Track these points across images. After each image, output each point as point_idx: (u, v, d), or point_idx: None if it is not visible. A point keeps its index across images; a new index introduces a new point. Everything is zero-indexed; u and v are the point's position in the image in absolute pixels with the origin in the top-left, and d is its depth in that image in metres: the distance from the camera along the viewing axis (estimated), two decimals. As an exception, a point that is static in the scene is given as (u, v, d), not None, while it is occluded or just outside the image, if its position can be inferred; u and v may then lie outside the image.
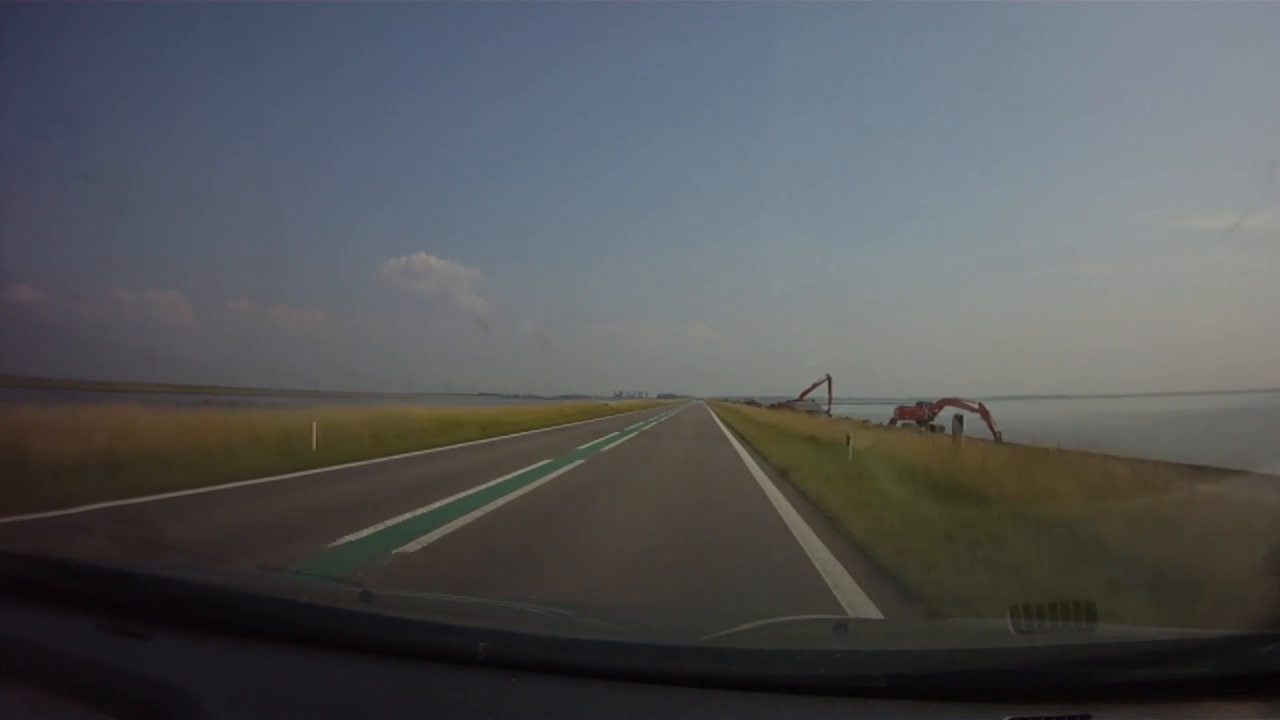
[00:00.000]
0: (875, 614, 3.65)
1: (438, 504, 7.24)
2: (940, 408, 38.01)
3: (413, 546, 5.31)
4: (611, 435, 20.56)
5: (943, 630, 2.49)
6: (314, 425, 12.78)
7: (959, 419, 21.55)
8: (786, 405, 52.56)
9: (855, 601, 3.93)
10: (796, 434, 18.60)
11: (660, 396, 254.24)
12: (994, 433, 26.04)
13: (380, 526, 6.05)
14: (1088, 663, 1.26)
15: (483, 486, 8.70)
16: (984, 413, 32.10)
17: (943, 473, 8.49)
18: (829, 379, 51.66)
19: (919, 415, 38.23)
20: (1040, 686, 1.18)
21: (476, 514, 6.79)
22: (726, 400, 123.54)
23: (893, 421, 35.25)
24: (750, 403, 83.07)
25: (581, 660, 1.29)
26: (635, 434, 22.04)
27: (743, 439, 20.46)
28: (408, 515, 6.55)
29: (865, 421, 28.09)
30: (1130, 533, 4.75)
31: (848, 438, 12.55)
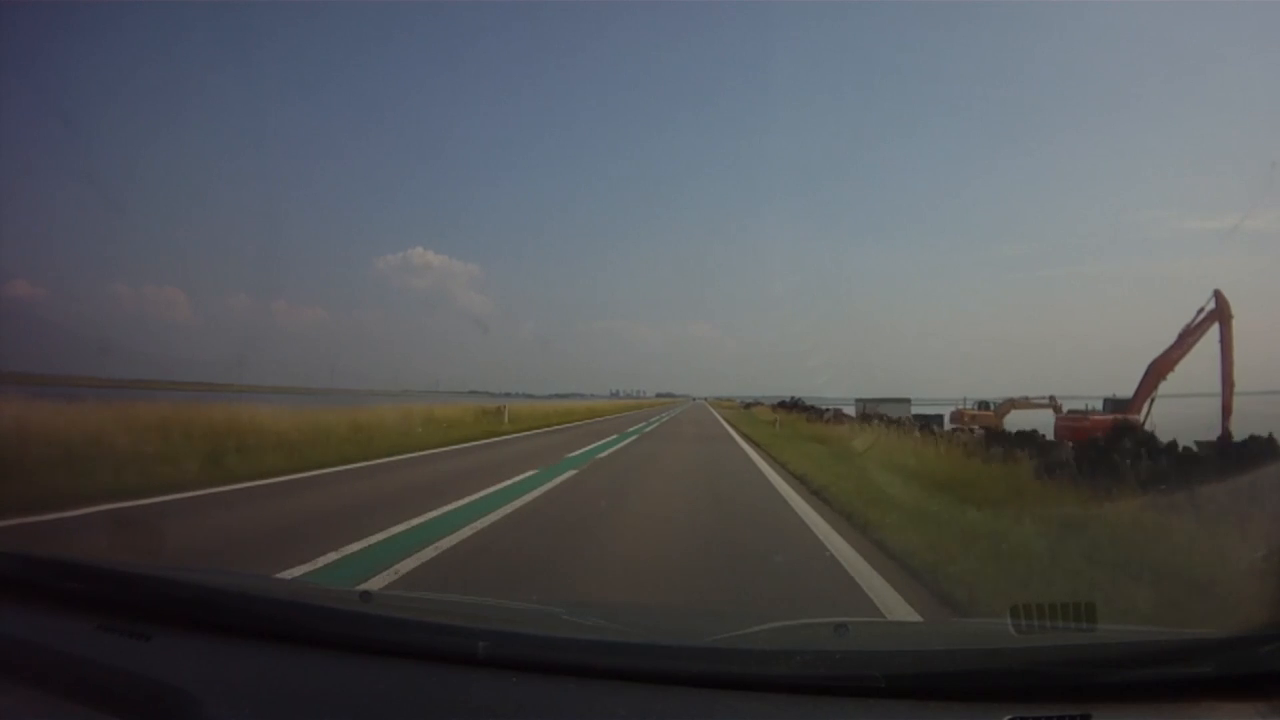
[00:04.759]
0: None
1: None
2: None
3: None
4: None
5: (943, 630, 2.49)
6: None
7: None
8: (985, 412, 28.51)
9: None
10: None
11: (659, 395, 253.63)
12: None
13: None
14: (1088, 663, 1.26)
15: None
16: None
17: None
18: (1222, 312, 20.86)
19: None
20: (1040, 686, 1.18)
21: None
22: (750, 403, 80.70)
23: None
24: (789, 405, 48.17)
25: (581, 660, 1.29)
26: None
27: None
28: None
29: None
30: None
31: None
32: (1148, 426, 21.99)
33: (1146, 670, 1.22)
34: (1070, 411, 26.96)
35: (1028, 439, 16.39)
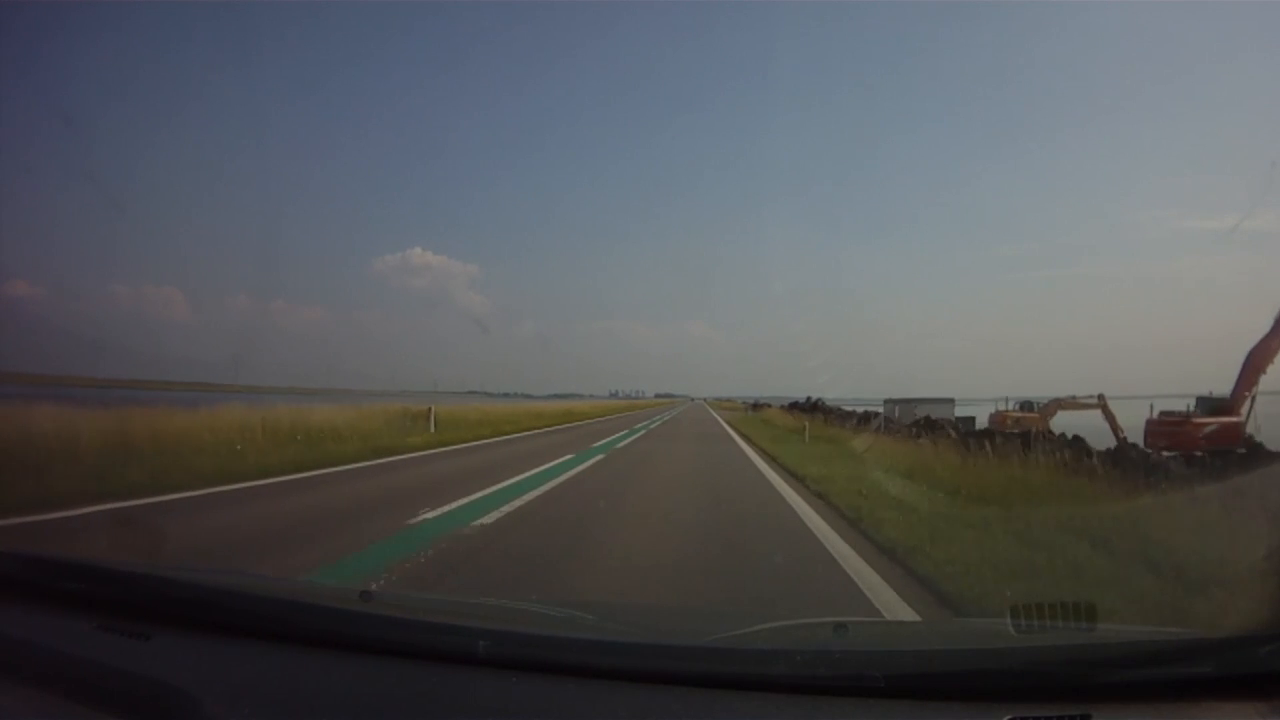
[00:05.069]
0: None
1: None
2: None
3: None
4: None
5: (943, 630, 2.49)
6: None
7: None
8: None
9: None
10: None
11: (657, 396, 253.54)
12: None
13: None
14: (1088, 663, 1.26)
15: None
16: None
17: None
18: None
19: None
20: (1040, 686, 1.18)
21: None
22: (757, 404, 70.53)
23: None
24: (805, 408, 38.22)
25: (581, 660, 1.29)
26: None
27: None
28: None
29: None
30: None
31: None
32: (1250, 427, 19.71)
33: (1146, 670, 1.22)
34: (1164, 413, 21.92)
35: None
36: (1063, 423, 24.47)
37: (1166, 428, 20.89)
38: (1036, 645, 1.42)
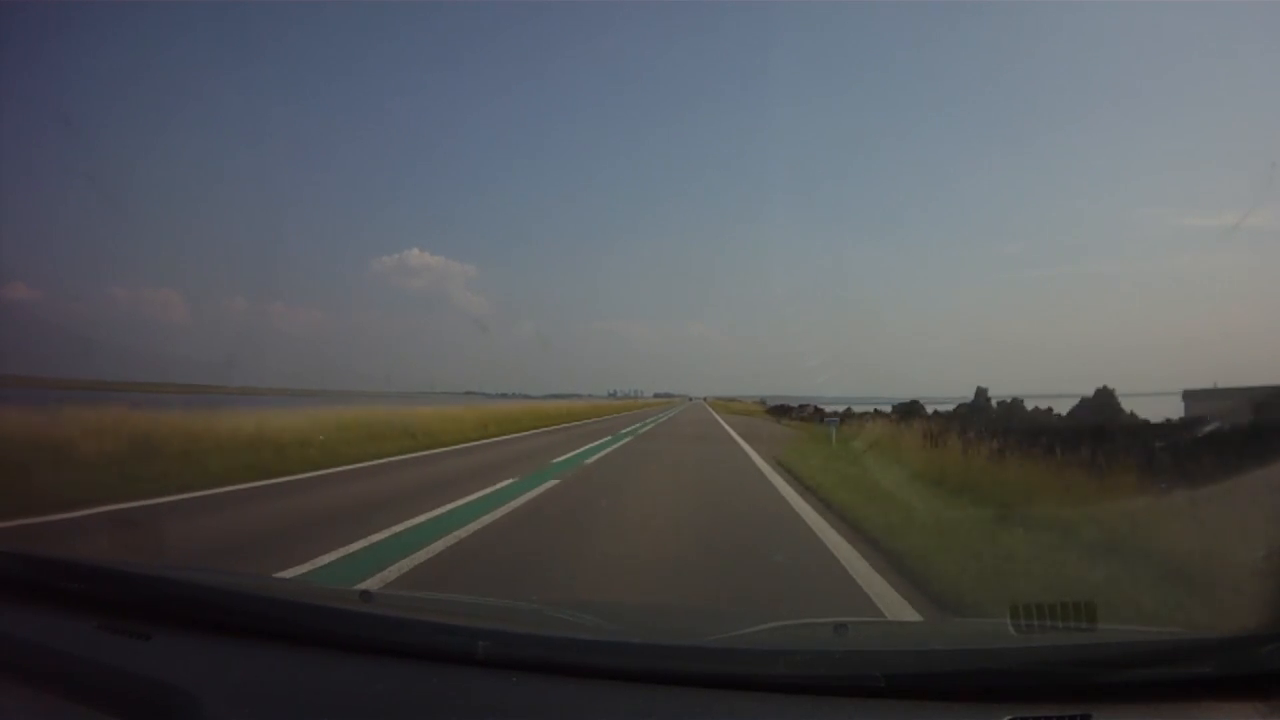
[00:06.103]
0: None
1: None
2: None
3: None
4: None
5: (943, 630, 2.49)
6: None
7: None
8: None
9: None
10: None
11: (656, 395, 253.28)
12: None
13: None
14: (1088, 663, 1.26)
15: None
16: None
17: None
18: None
19: None
20: (1040, 686, 1.18)
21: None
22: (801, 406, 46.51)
23: None
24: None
25: (581, 660, 1.29)
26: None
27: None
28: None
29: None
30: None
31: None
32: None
33: (1146, 670, 1.22)
34: None
35: None
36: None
37: None
38: (1036, 645, 1.42)
